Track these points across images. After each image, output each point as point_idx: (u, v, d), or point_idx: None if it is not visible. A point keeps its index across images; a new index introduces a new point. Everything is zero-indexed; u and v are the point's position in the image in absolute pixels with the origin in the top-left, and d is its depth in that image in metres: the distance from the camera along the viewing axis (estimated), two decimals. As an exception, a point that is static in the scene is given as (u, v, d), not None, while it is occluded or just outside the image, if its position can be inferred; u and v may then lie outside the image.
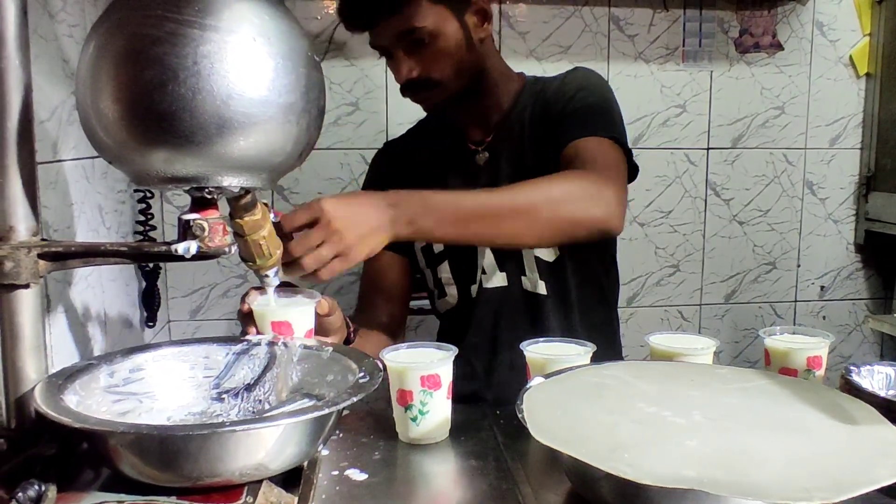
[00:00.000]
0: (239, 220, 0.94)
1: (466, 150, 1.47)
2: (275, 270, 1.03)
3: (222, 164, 0.80)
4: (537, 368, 1.09)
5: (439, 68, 1.33)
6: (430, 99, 1.39)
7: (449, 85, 1.36)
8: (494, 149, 1.45)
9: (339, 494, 0.92)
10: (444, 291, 1.48)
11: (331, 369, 0.99)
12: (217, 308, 2.08)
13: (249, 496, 0.80)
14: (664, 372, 1.05)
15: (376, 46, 1.36)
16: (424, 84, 1.35)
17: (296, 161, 0.87)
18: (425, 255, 1.49)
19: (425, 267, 1.50)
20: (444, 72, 1.34)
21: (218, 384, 1.03)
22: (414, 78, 1.34)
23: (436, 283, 1.50)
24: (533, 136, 1.42)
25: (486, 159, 1.45)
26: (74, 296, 1.26)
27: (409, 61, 1.33)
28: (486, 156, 1.45)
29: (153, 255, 0.87)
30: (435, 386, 1.03)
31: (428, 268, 1.50)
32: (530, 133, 1.42)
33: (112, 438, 0.77)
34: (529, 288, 1.43)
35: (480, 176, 1.45)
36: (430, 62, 1.33)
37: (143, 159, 0.79)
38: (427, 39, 1.30)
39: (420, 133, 1.57)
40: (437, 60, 1.33)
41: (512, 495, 0.91)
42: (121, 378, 0.97)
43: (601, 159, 1.26)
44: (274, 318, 1.06)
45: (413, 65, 1.33)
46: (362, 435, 1.10)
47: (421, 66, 1.33)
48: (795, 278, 2.38)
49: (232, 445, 0.77)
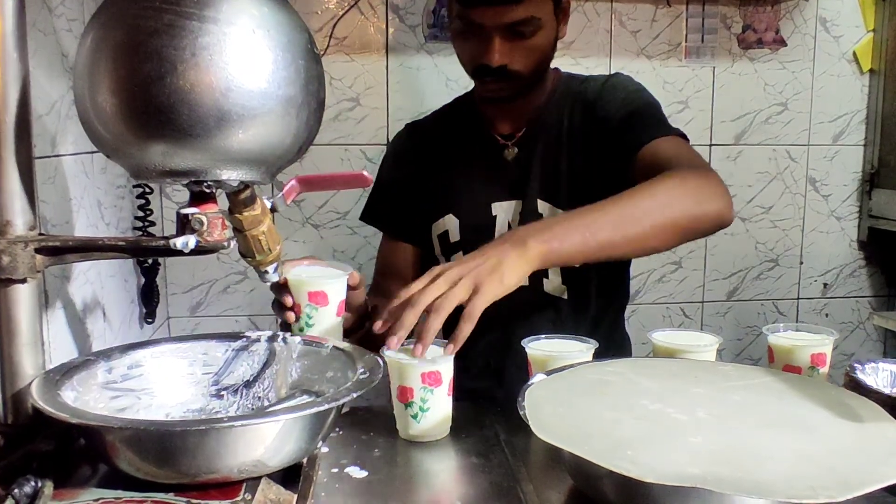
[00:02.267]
0: (238, 215, 0.93)
1: (495, 144, 1.45)
2: (274, 266, 1.02)
3: (221, 157, 0.79)
4: (539, 365, 1.09)
5: (527, 62, 1.32)
6: (503, 89, 1.36)
7: (526, 78, 1.35)
8: (526, 145, 1.43)
9: (338, 492, 0.91)
10: None
11: (330, 366, 0.98)
12: (217, 304, 2.07)
13: (248, 493, 0.79)
14: (667, 369, 1.04)
15: (468, 22, 1.31)
16: (504, 73, 1.32)
17: (295, 154, 0.86)
18: (441, 243, 1.47)
19: (440, 254, 1.48)
20: (529, 66, 1.33)
21: (217, 381, 1.03)
22: (499, 66, 1.31)
23: None
24: (570, 138, 1.40)
25: (514, 155, 1.43)
26: (73, 291, 1.25)
27: (504, 48, 1.30)
28: (515, 151, 1.43)
29: (151, 249, 0.86)
30: (436, 383, 1.02)
31: (443, 255, 1.48)
32: (568, 134, 1.40)
33: (109, 434, 0.76)
34: (550, 290, 1.42)
35: (508, 171, 1.43)
36: (523, 54, 1.32)
37: (141, 153, 0.78)
38: (529, 32, 1.29)
39: (445, 120, 1.54)
40: (530, 54, 1.32)
41: (514, 493, 0.90)
42: (119, 374, 0.96)
43: (686, 156, 1.25)
44: (311, 289, 1.09)
45: (506, 53, 1.30)
46: (362, 432, 1.09)
47: (512, 57, 1.31)
48: (798, 275, 2.37)
49: (230, 441, 0.76)
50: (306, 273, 1.12)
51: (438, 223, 1.47)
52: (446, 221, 1.46)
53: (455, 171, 1.46)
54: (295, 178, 1.02)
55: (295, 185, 1.02)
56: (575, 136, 1.40)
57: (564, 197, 1.40)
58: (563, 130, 1.41)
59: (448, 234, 1.46)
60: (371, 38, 2.06)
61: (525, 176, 1.41)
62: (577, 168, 1.39)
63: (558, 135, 1.41)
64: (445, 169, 1.47)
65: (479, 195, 1.44)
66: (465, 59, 1.37)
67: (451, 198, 1.46)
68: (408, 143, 1.54)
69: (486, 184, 1.44)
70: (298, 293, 1.09)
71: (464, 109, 1.52)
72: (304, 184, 1.03)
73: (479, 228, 1.44)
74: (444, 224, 1.47)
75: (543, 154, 1.41)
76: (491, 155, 1.45)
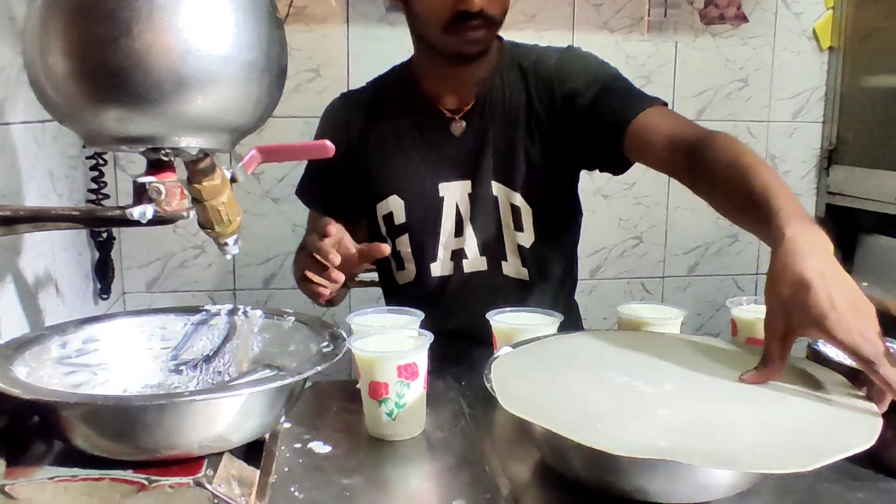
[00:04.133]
0: (197, 185, 0.90)
1: (440, 118, 1.37)
2: (234, 238, 0.99)
3: (179, 123, 0.76)
4: (504, 338, 1.08)
5: (501, 6, 1.27)
6: (481, 40, 1.27)
7: (496, 27, 1.28)
8: (474, 120, 1.36)
9: (302, 466, 0.89)
10: (403, 265, 1.43)
11: (293, 339, 0.97)
12: (174, 279, 2.03)
13: (210, 469, 0.77)
14: (634, 342, 1.04)
15: None
16: (486, 20, 1.25)
17: (257, 122, 0.83)
18: (386, 224, 1.41)
19: (386, 235, 1.42)
20: (501, 12, 1.27)
21: (176, 356, 1.00)
22: (481, 11, 1.23)
23: (394, 255, 1.43)
24: (528, 116, 1.34)
25: (462, 130, 1.36)
26: (24, 265, 1.21)
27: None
28: (462, 125, 1.36)
29: (107, 219, 0.83)
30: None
31: (389, 236, 1.42)
32: (526, 111, 1.34)
33: (66, 410, 0.74)
34: (511, 273, 1.40)
35: (456, 148, 1.36)
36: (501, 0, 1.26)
37: (94, 118, 0.75)
38: None
39: (383, 91, 1.44)
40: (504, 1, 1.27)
41: (479, 466, 0.89)
42: (73, 349, 0.93)
43: (688, 122, 1.21)
44: (400, 362, 0.94)
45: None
46: (324, 407, 1.07)
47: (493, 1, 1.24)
48: (757, 251, 2.40)
49: (191, 416, 0.74)
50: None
51: (382, 204, 1.40)
52: (390, 202, 1.39)
53: (397, 148, 1.39)
54: (255, 148, 0.99)
55: (255, 155, 0.99)
56: (533, 114, 1.34)
57: (521, 179, 1.35)
58: (518, 106, 1.35)
59: (393, 215, 1.40)
60: (331, 8, 2.01)
61: (475, 154, 1.35)
62: (536, 150, 1.34)
63: (512, 111, 1.35)
64: (386, 145, 1.39)
65: (425, 175, 1.38)
66: (438, 7, 1.24)
67: (395, 177, 1.39)
68: (342, 116, 1.44)
69: (432, 162, 1.37)
70: (383, 369, 0.94)
71: (403, 80, 1.41)
72: (264, 153, 1.00)
73: (425, 210, 1.38)
74: (387, 205, 1.40)
75: (496, 131, 1.35)
76: (436, 130, 1.37)
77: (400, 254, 1.42)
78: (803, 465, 0.68)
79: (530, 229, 1.37)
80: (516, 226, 1.37)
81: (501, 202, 1.36)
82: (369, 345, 0.96)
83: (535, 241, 1.37)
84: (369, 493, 0.83)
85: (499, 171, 1.35)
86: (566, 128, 1.32)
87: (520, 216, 1.36)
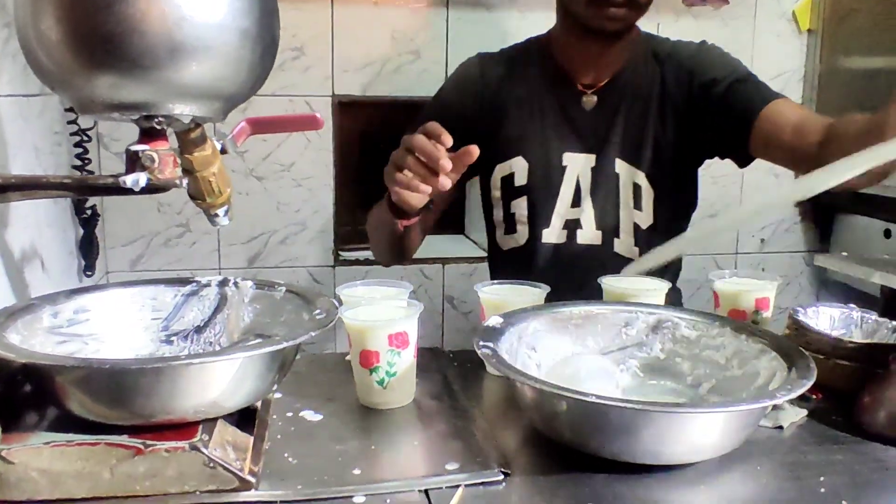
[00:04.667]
0: (188, 155, 0.90)
1: (573, 90, 1.40)
2: (224, 209, 1.00)
3: (172, 90, 0.76)
4: (492, 309, 1.09)
5: None
6: (623, 19, 1.30)
7: (641, 10, 1.32)
8: (606, 97, 1.39)
9: (294, 434, 0.90)
10: (514, 228, 1.44)
11: (284, 309, 0.97)
12: (158, 258, 2.02)
13: (205, 434, 0.78)
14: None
15: None
16: (630, 1, 1.28)
17: (249, 90, 0.83)
18: (503, 185, 1.44)
19: (499, 198, 1.45)
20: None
21: (167, 326, 1.01)
22: None
23: (506, 218, 1.45)
24: (662, 102, 1.38)
25: (593, 105, 1.39)
26: (10, 238, 1.21)
27: None
28: (594, 100, 1.39)
29: (99, 187, 0.83)
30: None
31: (502, 200, 1.44)
32: (659, 98, 1.38)
33: (63, 374, 0.74)
34: (622, 251, 1.41)
35: (585, 121, 1.39)
36: None
37: (87, 84, 0.75)
38: None
39: (519, 58, 1.46)
40: None
41: (469, 431, 0.91)
42: (65, 319, 0.93)
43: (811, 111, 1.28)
44: (391, 330, 0.95)
45: None
46: (314, 378, 1.08)
47: None
48: (736, 233, 2.43)
49: (187, 381, 0.75)
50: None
51: (504, 164, 1.42)
52: (514, 164, 1.41)
53: (530, 113, 1.41)
54: (245, 120, 0.99)
55: (245, 127, 1.00)
56: (667, 99, 1.38)
57: (648, 159, 1.38)
58: (651, 91, 1.38)
59: (514, 177, 1.42)
60: (316, -13, 2.01)
61: (603, 130, 1.39)
62: (666, 134, 1.38)
63: (645, 94, 1.38)
64: (520, 108, 1.41)
65: (552, 142, 1.40)
66: None
67: (523, 140, 1.41)
68: (479, 72, 1.45)
69: (561, 132, 1.40)
70: (374, 338, 0.95)
71: (539, 51, 1.45)
72: (254, 125, 1.00)
73: (547, 175, 1.40)
74: (510, 166, 1.42)
75: (627, 111, 1.38)
76: (568, 102, 1.41)
77: (514, 216, 1.43)
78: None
79: (650, 210, 1.40)
80: (636, 204, 1.40)
81: (623, 180, 1.39)
82: (360, 314, 0.97)
83: (653, 222, 1.41)
84: (363, 458, 0.84)
85: (625, 150, 1.39)
86: (699, 115, 1.36)
87: (640, 196, 1.39)
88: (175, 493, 0.75)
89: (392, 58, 2.03)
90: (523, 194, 1.42)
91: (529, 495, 0.78)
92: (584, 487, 0.78)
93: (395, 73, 2.03)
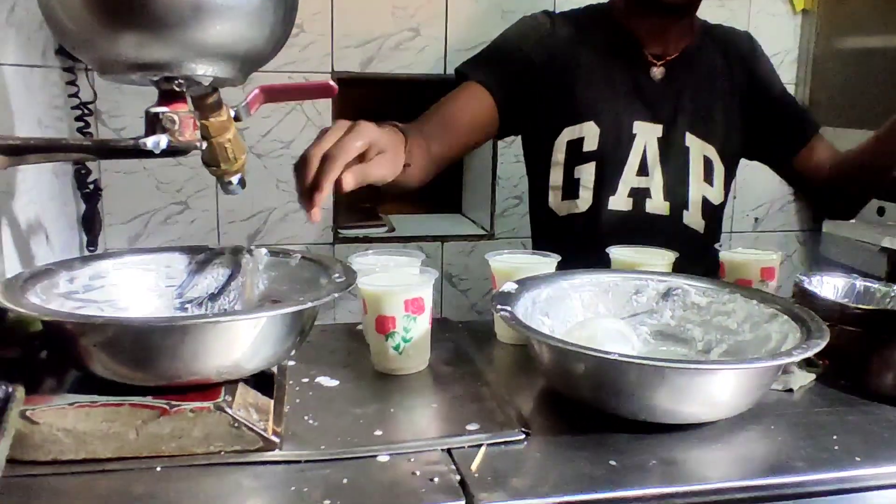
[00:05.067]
0: (204, 121, 0.90)
1: (642, 60, 1.41)
2: (238, 177, 1.00)
3: (195, 50, 0.76)
4: (503, 277, 1.09)
5: None
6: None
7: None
8: (675, 70, 1.40)
9: (312, 398, 0.91)
10: (577, 194, 1.41)
11: (300, 276, 0.97)
12: (158, 235, 2.01)
13: (227, 395, 0.78)
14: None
15: None
16: None
17: (269, 53, 0.84)
18: (570, 149, 1.41)
19: (561, 162, 1.42)
20: None
21: (181, 294, 1.01)
22: None
23: (567, 182, 1.42)
24: (726, 82, 1.42)
25: (662, 75, 1.40)
26: (17, 209, 1.20)
27: None
28: (662, 71, 1.40)
29: (120, 150, 0.82)
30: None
31: (567, 164, 1.42)
32: (724, 77, 1.42)
33: (89, 333, 0.74)
34: (690, 223, 1.42)
35: (654, 91, 1.40)
36: None
37: (110, 44, 0.75)
38: None
39: (587, 22, 1.45)
40: None
41: (486, 395, 0.92)
42: (81, 284, 0.93)
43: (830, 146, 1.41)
44: (407, 296, 0.95)
45: None
46: (327, 347, 1.09)
47: None
48: (732, 210, 2.44)
49: (212, 340, 0.75)
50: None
51: (574, 128, 1.40)
52: (584, 128, 1.39)
53: (603, 78, 1.40)
54: (258, 87, 0.99)
55: (258, 94, 0.99)
56: (734, 80, 1.41)
57: (719, 137, 1.41)
58: (717, 70, 1.41)
59: (583, 141, 1.39)
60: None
61: (672, 102, 1.40)
62: (730, 113, 1.40)
63: (712, 72, 1.41)
64: (594, 71, 1.40)
65: (623, 109, 1.40)
66: None
67: (596, 104, 1.39)
68: (548, 27, 1.42)
69: (632, 100, 1.40)
70: (391, 304, 0.95)
71: (603, 19, 1.44)
72: (267, 93, 1.00)
73: (617, 142, 1.40)
74: (580, 130, 1.40)
75: (696, 86, 1.40)
76: (637, 70, 1.40)
77: (579, 181, 1.41)
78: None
79: (720, 186, 1.42)
80: (706, 178, 1.41)
81: (694, 153, 1.40)
82: (376, 280, 0.98)
83: (724, 199, 1.44)
84: (384, 420, 0.85)
85: (695, 124, 1.40)
86: (757, 111, 1.42)
87: (712, 170, 1.41)
88: (200, 454, 0.76)
89: (392, 34, 2.02)
90: (591, 160, 1.40)
91: (551, 454, 0.78)
92: (604, 446, 0.79)
93: (395, 49, 2.03)
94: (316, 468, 0.75)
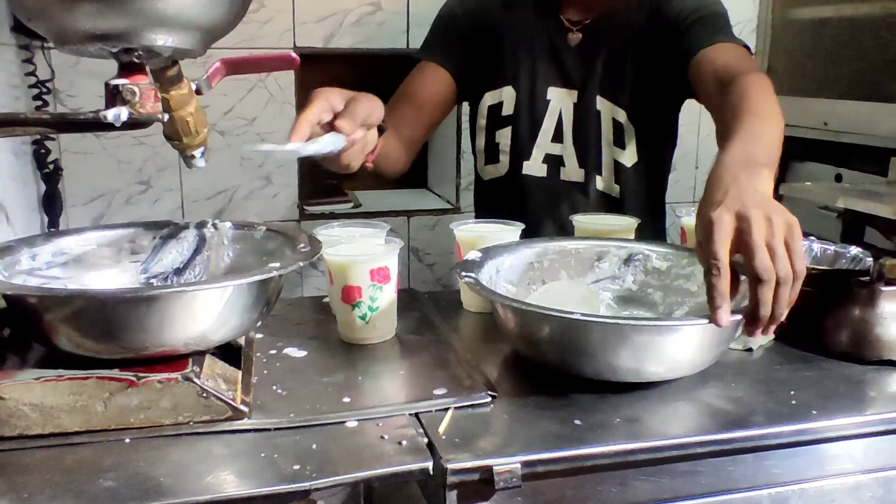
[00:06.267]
0: (165, 94, 0.89)
1: (560, 25, 1.41)
2: (201, 150, 0.99)
3: (153, 19, 0.74)
4: (468, 246, 1.10)
5: None
6: None
7: None
8: (591, 34, 1.39)
9: (280, 369, 0.92)
10: (497, 158, 1.45)
11: (266, 247, 0.98)
12: (119, 217, 1.98)
13: (195, 366, 0.79)
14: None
15: None
16: None
17: (229, 23, 0.83)
18: (490, 114, 1.44)
19: (483, 127, 1.46)
20: None
21: (146, 269, 1.00)
22: None
23: (488, 147, 1.46)
24: (638, 39, 1.38)
25: (578, 41, 1.40)
26: (-24, 189, 1.19)
27: None
28: (578, 37, 1.39)
29: (80, 123, 0.81)
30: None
31: (486, 129, 1.45)
32: (636, 35, 1.38)
33: (54, 307, 0.74)
34: (602, 188, 1.42)
35: (569, 57, 1.40)
36: None
37: (67, 13, 0.73)
38: None
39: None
40: None
41: (452, 361, 0.93)
42: (43, 261, 0.93)
43: (750, 64, 1.23)
44: (373, 265, 0.96)
45: None
46: (293, 319, 1.09)
47: None
48: (694, 179, 2.47)
49: (179, 310, 0.75)
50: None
51: (495, 92, 1.43)
52: (503, 92, 1.42)
53: (523, 44, 1.41)
54: (220, 60, 0.99)
55: (220, 67, 0.99)
56: (642, 38, 1.38)
57: (628, 97, 1.39)
58: (631, 30, 1.39)
59: (502, 106, 1.43)
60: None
61: (586, 67, 1.39)
62: (642, 71, 1.38)
63: (625, 33, 1.39)
64: (515, 38, 1.41)
65: (539, 75, 1.41)
66: None
67: (515, 70, 1.41)
68: (465, 6, 1.44)
69: (548, 66, 1.41)
70: (357, 273, 0.96)
71: None
72: (228, 66, 0.99)
73: (532, 107, 1.41)
74: (500, 95, 1.43)
75: (608, 49, 1.39)
76: (555, 37, 1.41)
77: (498, 146, 1.44)
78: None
79: (632, 149, 1.41)
80: (616, 142, 1.40)
81: (604, 117, 1.40)
82: (341, 251, 0.98)
83: (637, 160, 1.41)
84: (352, 388, 0.86)
85: (605, 88, 1.39)
86: (665, 51, 1.35)
87: (622, 133, 1.40)
88: (169, 424, 0.76)
89: (352, 9, 2.01)
90: (508, 124, 1.43)
91: (517, 415, 0.80)
92: (569, 406, 0.81)
93: (356, 24, 2.02)
94: (286, 435, 0.76)
